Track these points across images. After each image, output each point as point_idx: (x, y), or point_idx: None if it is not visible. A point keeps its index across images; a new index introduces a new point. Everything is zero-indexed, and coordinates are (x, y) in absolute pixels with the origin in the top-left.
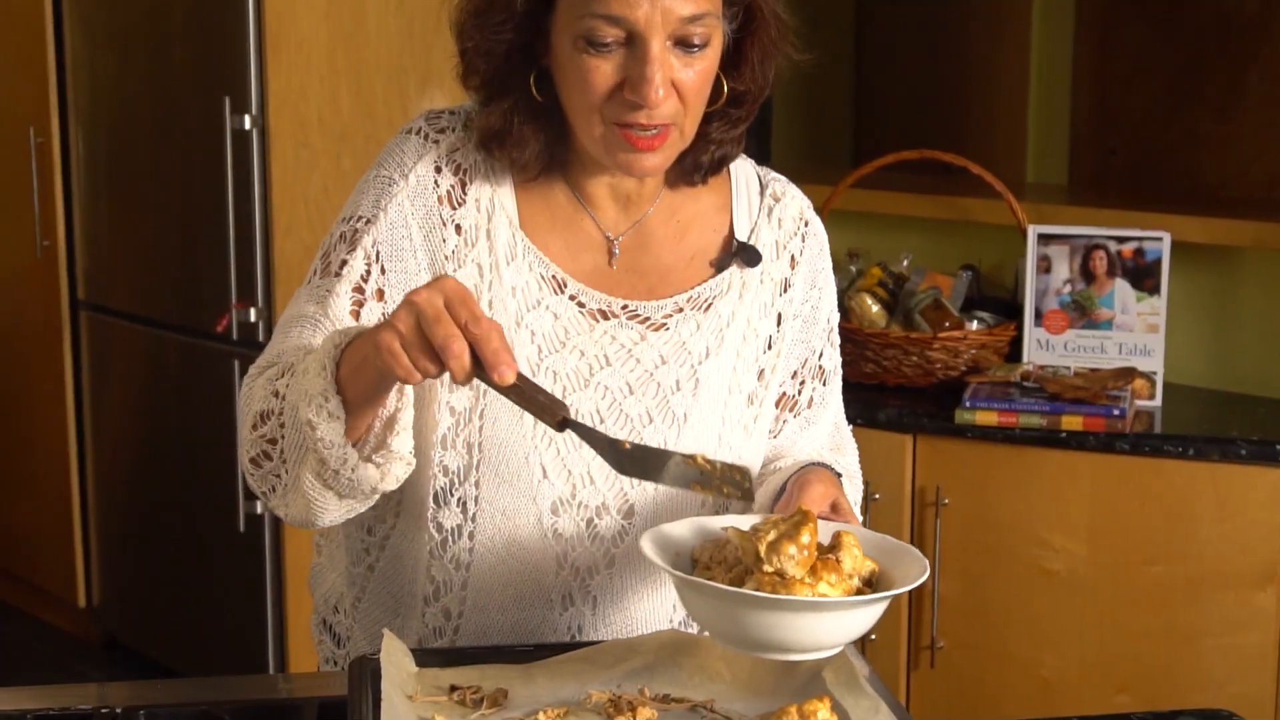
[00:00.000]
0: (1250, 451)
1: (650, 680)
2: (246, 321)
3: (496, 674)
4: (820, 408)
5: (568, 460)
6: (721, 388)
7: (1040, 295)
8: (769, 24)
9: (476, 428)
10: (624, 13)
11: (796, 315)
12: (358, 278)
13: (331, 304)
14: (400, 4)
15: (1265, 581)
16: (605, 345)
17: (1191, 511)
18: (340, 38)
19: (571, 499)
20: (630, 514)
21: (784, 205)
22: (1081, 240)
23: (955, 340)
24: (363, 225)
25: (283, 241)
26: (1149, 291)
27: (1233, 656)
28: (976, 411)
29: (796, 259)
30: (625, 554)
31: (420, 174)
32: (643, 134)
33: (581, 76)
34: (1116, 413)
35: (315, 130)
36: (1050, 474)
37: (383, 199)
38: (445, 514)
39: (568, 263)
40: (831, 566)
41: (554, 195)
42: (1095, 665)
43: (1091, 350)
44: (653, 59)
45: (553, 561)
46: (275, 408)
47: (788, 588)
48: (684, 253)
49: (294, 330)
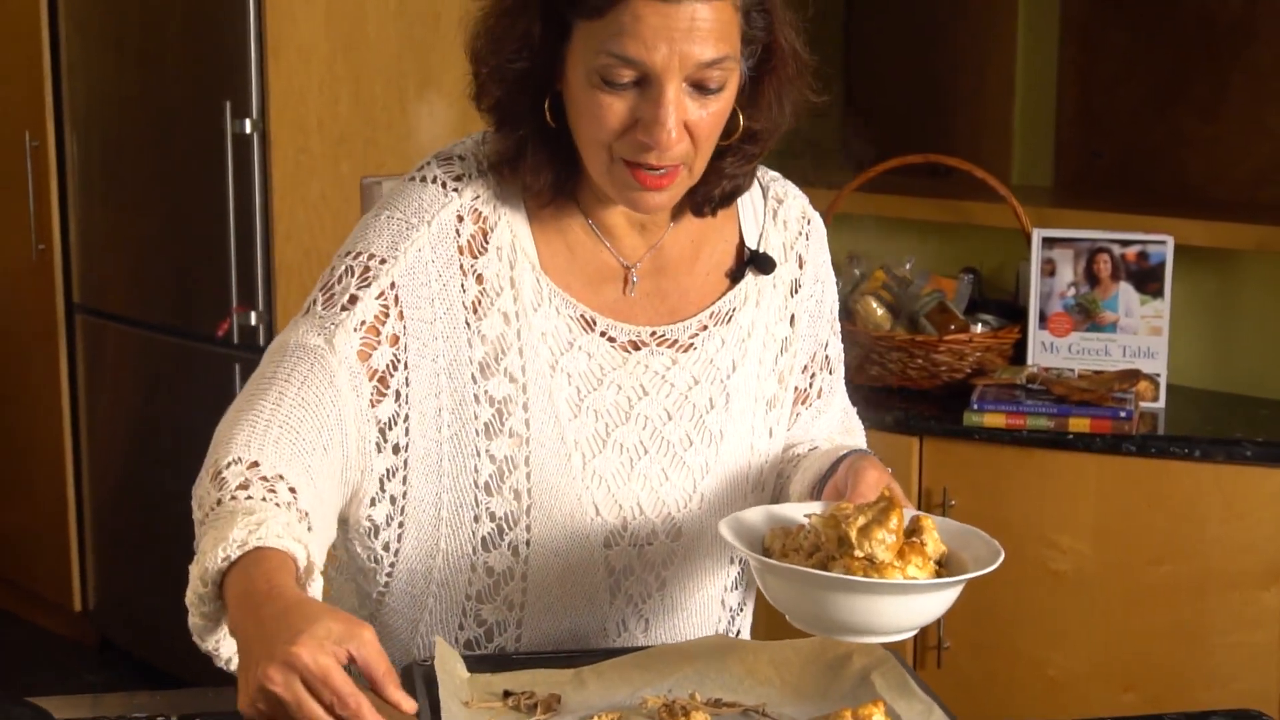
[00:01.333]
0: (1255, 453)
1: (700, 684)
2: (247, 325)
3: (547, 679)
4: (829, 396)
5: (618, 495)
6: (749, 398)
7: (1044, 298)
8: (787, 62)
9: (524, 474)
10: (641, 56)
11: (805, 311)
12: (371, 317)
13: (339, 340)
14: (400, 10)
15: (1271, 581)
16: (640, 375)
17: (1197, 512)
18: (340, 43)
19: (623, 530)
20: (678, 535)
21: (787, 206)
22: (1085, 244)
23: (961, 343)
24: (377, 264)
25: (283, 245)
26: (1152, 294)
27: (1239, 655)
28: (984, 414)
29: (804, 258)
30: (675, 575)
31: (443, 221)
32: (651, 172)
33: (593, 112)
34: (1123, 415)
35: (315, 135)
36: (1057, 475)
37: (400, 242)
38: (495, 558)
39: (591, 299)
40: (917, 549)
41: (570, 228)
42: (1102, 665)
43: (1095, 353)
44: (667, 103)
45: (606, 593)
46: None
47: (879, 571)
48: (700, 269)
49: (291, 363)
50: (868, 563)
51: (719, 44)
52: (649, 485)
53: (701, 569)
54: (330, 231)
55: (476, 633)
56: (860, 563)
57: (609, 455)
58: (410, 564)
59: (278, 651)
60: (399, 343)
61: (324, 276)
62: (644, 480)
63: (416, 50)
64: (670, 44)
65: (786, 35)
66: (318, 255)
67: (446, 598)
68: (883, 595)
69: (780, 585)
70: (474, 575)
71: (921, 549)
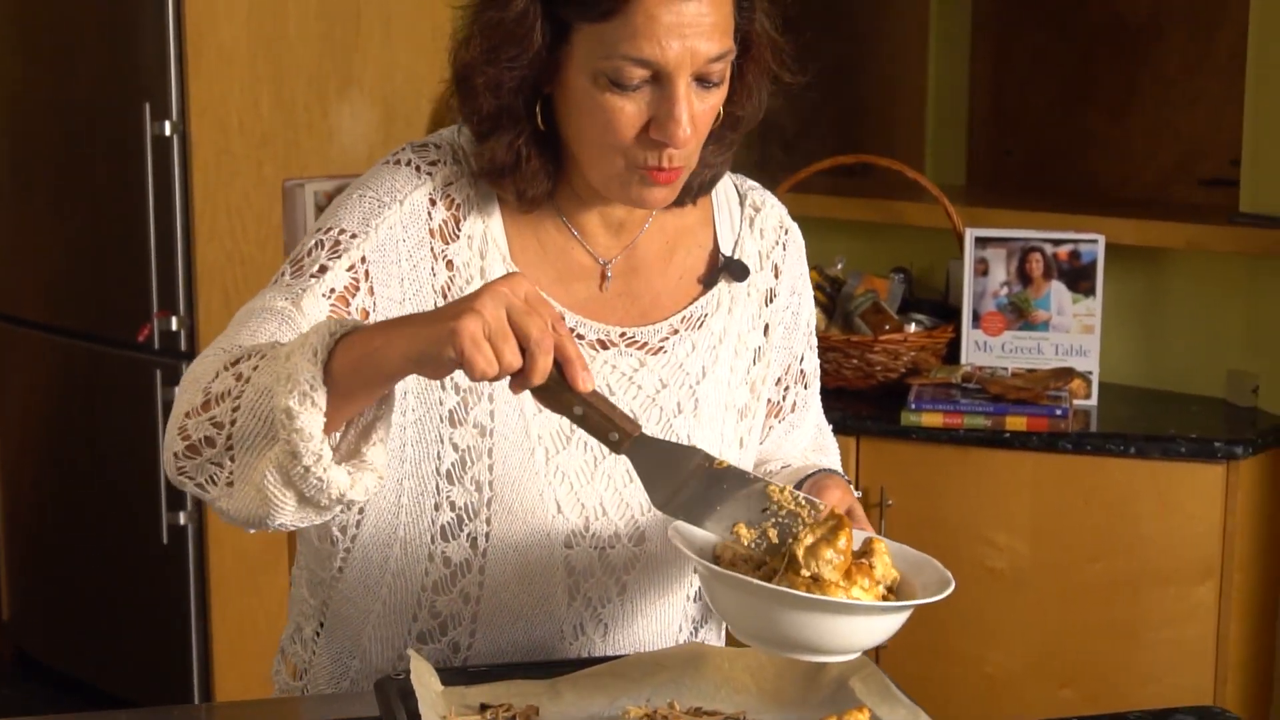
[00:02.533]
0: (1190, 449)
1: (678, 693)
2: (169, 330)
3: (522, 690)
4: (803, 411)
5: (581, 494)
6: (719, 406)
7: (977, 297)
8: (765, 48)
9: (486, 466)
10: (655, 55)
11: (780, 323)
12: (341, 287)
13: (306, 302)
14: (321, 9)
15: (1204, 576)
16: (608, 375)
17: (1132, 509)
18: (261, 43)
19: (585, 531)
20: (641, 541)
21: (764, 215)
22: (1018, 243)
23: (896, 343)
24: (348, 239)
25: (205, 249)
26: (1084, 293)
27: (1173, 650)
28: (922, 413)
29: (779, 268)
30: (636, 580)
31: (415, 203)
32: (662, 170)
33: (605, 117)
34: (1059, 413)
35: (237, 136)
36: (994, 474)
37: (372, 219)
38: (453, 549)
39: (562, 295)
40: (865, 571)
41: (543, 226)
42: (1039, 661)
43: (1028, 351)
44: (680, 99)
45: (564, 593)
46: (233, 389)
47: (823, 591)
48: (673, 273)
49: (257, 322)
50: (813, 581)
51: (723, 38)
52: (613, 486)
53: (664, 577)
54: (253, 234)
55: (430, 625)
56: (805, 581)
57: (572, 453)
58: (367, 550)
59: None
60: (368, 318)
61: (294, 253)
62: (608, 480)
63: (338, 50)
64: (682, 41)
65: (763, 21)
66: (240, 258)
67: (401, 587)
68: (824, 613)
69: (724, 593)
70: (431, 565)
71: (869, 571)
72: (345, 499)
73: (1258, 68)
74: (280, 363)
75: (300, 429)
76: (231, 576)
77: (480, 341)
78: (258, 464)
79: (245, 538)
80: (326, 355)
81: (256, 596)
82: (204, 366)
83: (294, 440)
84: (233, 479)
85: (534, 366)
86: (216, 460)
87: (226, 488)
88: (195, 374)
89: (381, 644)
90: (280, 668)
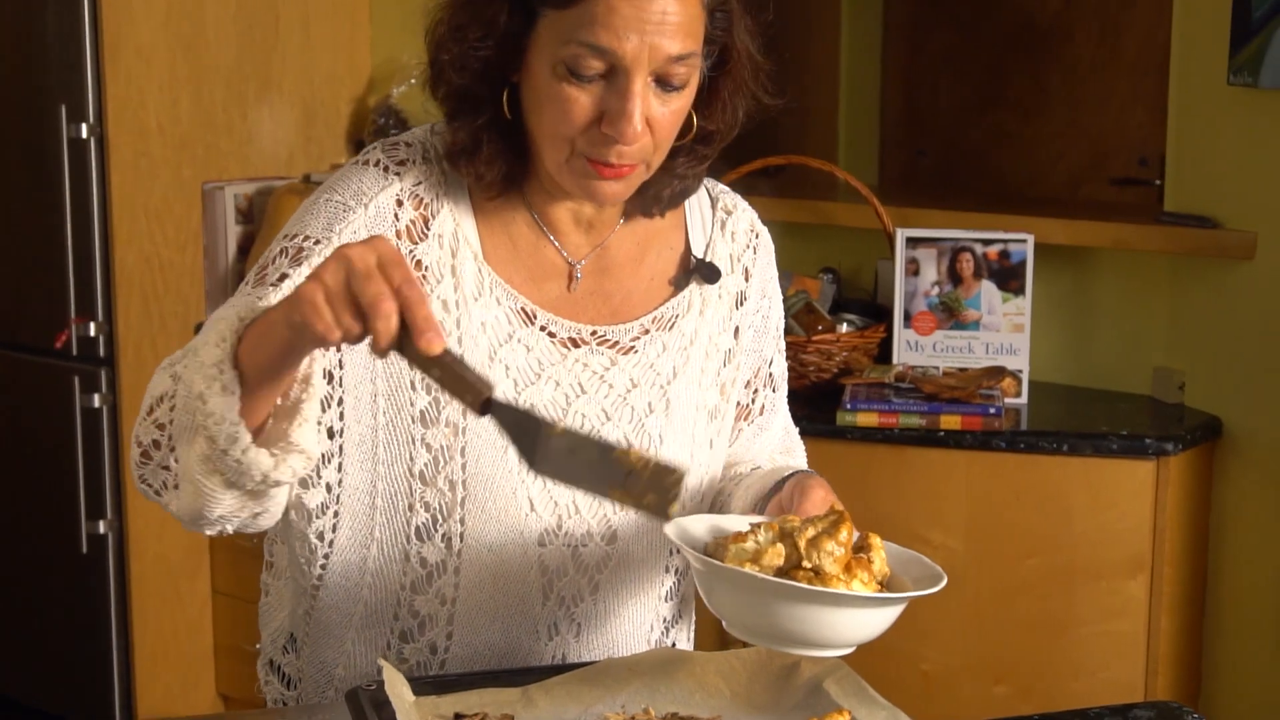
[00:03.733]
0: (1121, 445)
1: (652, 699)
2: (86, 336)
3: (496, 698)
4: (771, 414)
5: (554, 492)
6: (690, 406)
7: (908, 297)
8: (743, 64)
9: (459, 465)
10: (612, 45)
11: (750, 326)
12: None
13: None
14: (239, 11)
15: (1136, 570)
16: (578, 373)
17: (1065, 505)
18: (180, 44)
19: (558, 530)
20: (614, 539)
21: (735, 218)
22: (948, 243)
23: (828, 343)
24: (310, 245)
25: (123, 253)
26: (1014, 292)
27: (1106, 644)
28: (858, 413)
29: (750, 271)
30: (608, 579)
31: (381, 205)
32: (610, 165)
33: (558, 105)
34: (993, 411)
35: (155, 138)
36: (928, 472)
37: (336, 223)
38: (429, 549)
39: (533, 293)
40: (864, 565)
41: (514, 222)
42: (974, 657)
43: (959, 351)
44: (634, 95)
45: (539, 593)
46: (169, 389)
47: (823, 583)
48: (644, 274)
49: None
50: (814, 574)
51: (686, 39)
52: None
53: (636, 576)
54: (172, 238)
55: (410, 624)
56: (806, 574)
57: None
58: (345, 554)
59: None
60: None
61: (260, 259)
62: None
63: (257, 52)
64: (641, 35)
65: (743, 38)
66: (159, 262)
67: (381, 588)
68: (826, 606)
69: (722, 589)
70: (408, 565)
71: (868, 565)
72: (270, 480)
73: (1181, 67)
74: (196, 353)
75: (211, 412)
76: (152, 585)
77: (320, 307)
78: (188, 454)
79: (166, 546)
80: (235, 340)
81: (178, 605)
82: (156, 379)
83: (208, 425)
84: (177, 479)
85: (375, 330)
86: (164, 463)
87: (174, 490)
88: (150, 386)
89: (366, 645)
90: (271, 678)
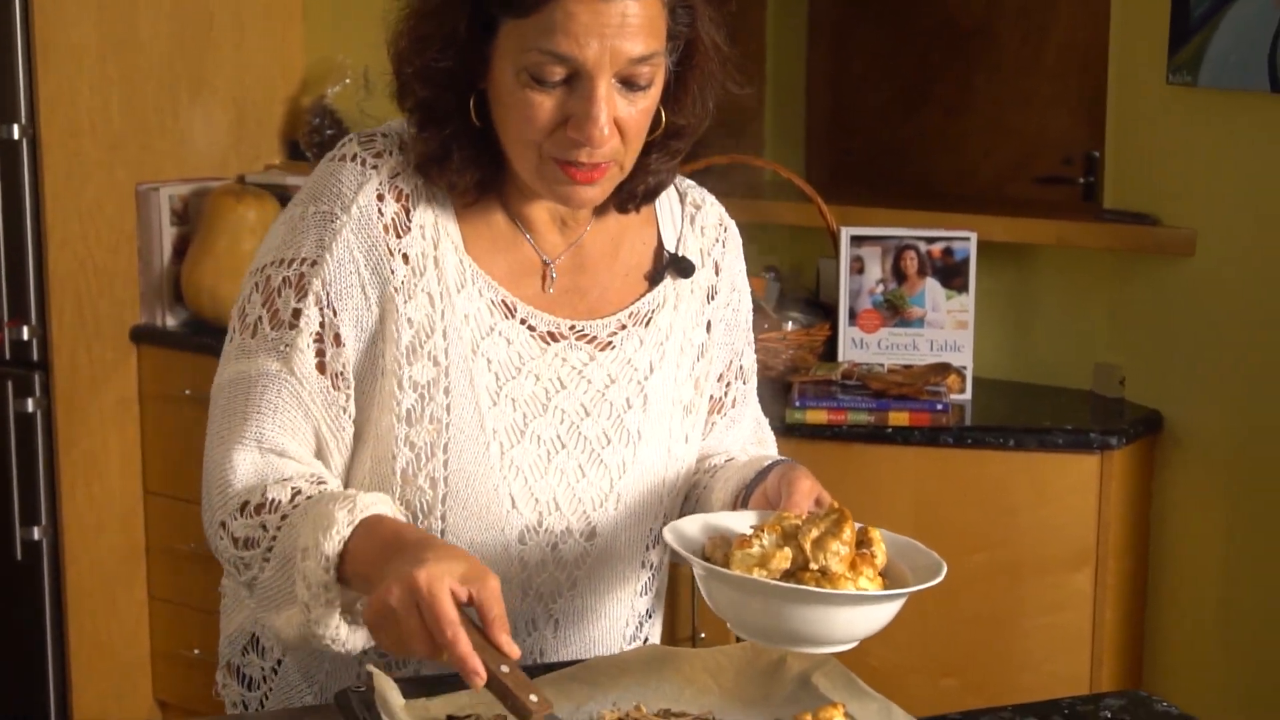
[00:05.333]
0: (1066, 440)
1: (643, 696)
2: (20, 340)
3: (486, 698)
4: (743, 406)
5: (535, 488)
6: (667, 401)
7: (853, 295)
8: (710, 57)
9: (441, 462)
10: (573, 52)
11: (721, 320)
12: (317, 326)
13: (296, 361)
14: (172, 11)
15: (1081, 564)
16: (558, 368)
17: (1011, 500)
18: (111, 45)
19: (538, 526)
20: (593, 536)
21: (704, 213)
22: (892, 241)
23: (775, 341)
24: (309, 269)
25: (57, 254)
26: (958, 290)
27: (1051, 637)
28: (806, 410)
29: (720, 265)
30: (587, 575)
31: (363, 205)
32: (579, 168)
33: (522, 111)
34: (940, 408)
35: (88, 139)
36: (876, 469)
37: (325, 236)
38: None
39: (513, 286)
40: (868, 561)
41: (493, 219)
42: (922, 652)
43: (904, 348)
44: (598, 99)
45: (518, 589)
46: (259, 538)
47: (831, 583)
48: (619, 270)
49: (259, 392)
50: (820, 574)
51: (648, 40)
52: (566, 481)
53: (614, 572)
54: (105, 240)
55: None
56: (813, 575)
57: (527, 446)
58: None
59: (403, 572)
60: (341, 340)
61: (260, 287)
62: (561, 475)
63: (189, 52)
64: (601, 40)
65: (708, 30)
66: (93, 265)
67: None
68: (838, 606)
69: (732, 596)
70: None
71: (872, 560)
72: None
73: (1120, 66)
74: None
75: (316, 620)
76: (88, 592)
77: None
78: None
79: (101, 552)
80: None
81: (114, 611)
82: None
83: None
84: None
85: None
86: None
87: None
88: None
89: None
90: (230, 681)
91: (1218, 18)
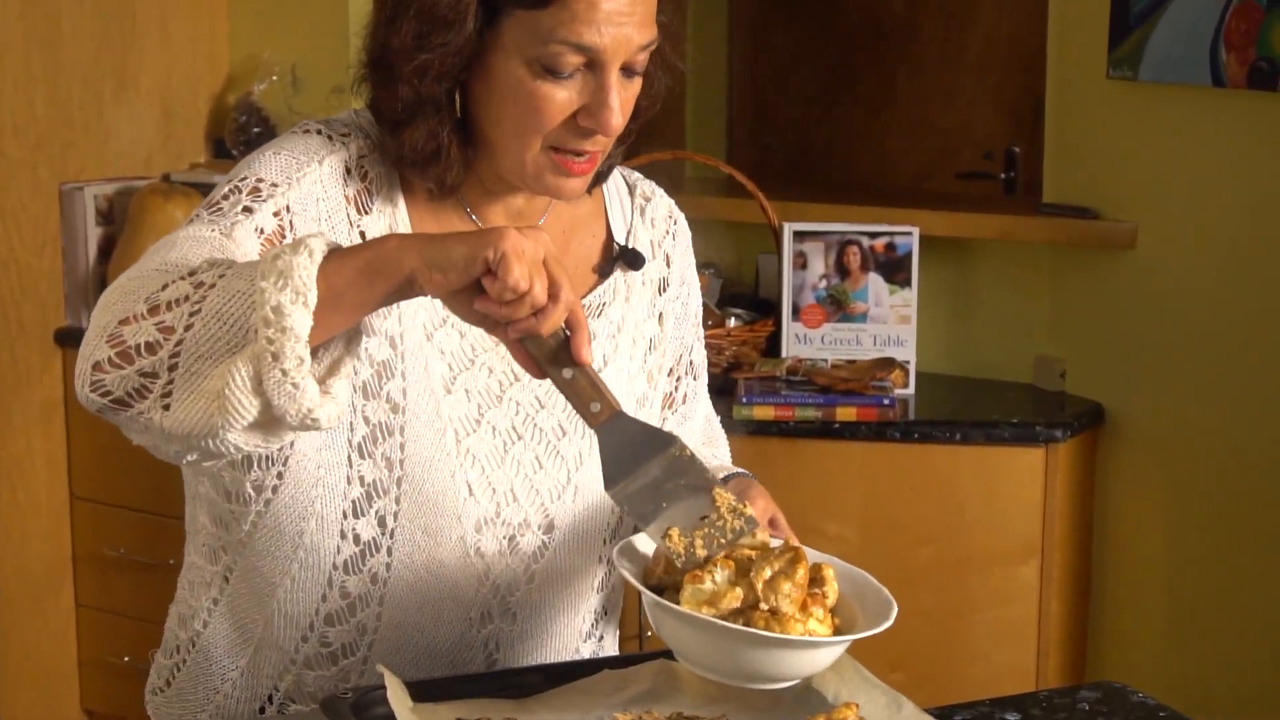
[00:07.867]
0: (1012, 433)
1: (654, 704)
2: None
3: (495, 706)
4: (694, 402)
5: (492, 478)
6: (620, 395)
7: (796, 291)
8: (665, 38)
9: (397, 444)
10: (595, 42)
11: (671, 313)
12: (269, 230)
13: (238, 233)
14: (96, 8)
15: (1027, 556)
16: (511, 360)
17: (958, 494)
18: (34, 42)
19: (495, 517)
20: (550, 529)
21: (654, 205)
22: (835, 236)
23: (719, 338)
24: (268, 186)
25: None
26: (900, 284)
27: (999, 629)
28: (754, 407)
29: (671, 257)
30: (544, 569)
31: (333, 165)
32: (578, 159)
33: (533, 103)
34: (887, 402)
35: (10, 138)
36: (823, 465)
37: (293, 173)
38: (362, 525)
39: None
40: (819, 601)
41: (446, 214)
42: (870, 646)
43: (847, 343)
44: (613, 87)
45: (474, 579)
46: (190, 295)
47: (781, 624)
48: (569, 262)
49: (188, 248)
50: (770, 615)
51: (651, 27)
52: (523, 471)
53: (571, 566)
54: (29, 241)
55: (339, 605)
56: (763, 614)
57: (483, 436)
58: (279, 518)
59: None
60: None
61: (206, 199)
62: (518, 466)
63: (114, 50)
64: (619, 29)
65: (665, 9)
66: (17, 266)
67: (313, 564)
68: (787, 650)
69: (679, 629)
70: (343, 543)
71: (823, 600)
72: (311, 416)
73: (1059, 61)
74: (266, 263)
75: (288, 328)
76: (15, 599)
77: (523, 257)
78: (214, 371)
79: (28, 559)
80: (321, 258)
81: (41, 619)
82: (137, 283)
83: (279, 340)
84: (171, 389)
85: (551, 311)
86: (151, 370)
87: (161, 398)
88: (125, 289)
89: (286, 620)
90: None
91: (1159, 13)
